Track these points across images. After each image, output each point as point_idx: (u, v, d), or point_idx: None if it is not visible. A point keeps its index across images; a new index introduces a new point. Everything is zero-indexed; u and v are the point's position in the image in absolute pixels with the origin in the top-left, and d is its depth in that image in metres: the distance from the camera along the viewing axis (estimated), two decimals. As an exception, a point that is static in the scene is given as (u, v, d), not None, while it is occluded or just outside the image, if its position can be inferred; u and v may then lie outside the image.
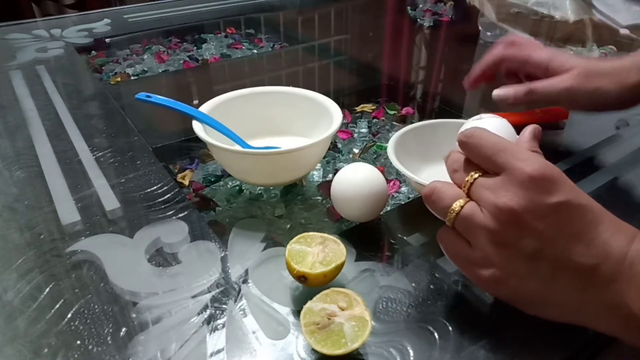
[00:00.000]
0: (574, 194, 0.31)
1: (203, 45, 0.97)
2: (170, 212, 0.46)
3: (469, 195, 0.33)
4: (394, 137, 0.50)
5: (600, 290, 0.30)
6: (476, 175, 0.33)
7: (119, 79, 0.81)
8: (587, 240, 0.30)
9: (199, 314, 0.35)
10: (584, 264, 0.30)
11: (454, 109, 0.73)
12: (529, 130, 0.36)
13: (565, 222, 0.30)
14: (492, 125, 0.40)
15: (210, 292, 0.37)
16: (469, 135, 0.34)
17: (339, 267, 0.37)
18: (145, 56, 0.92)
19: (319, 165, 0.56)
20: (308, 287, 0.37)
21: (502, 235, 0.31)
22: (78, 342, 0.33)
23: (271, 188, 0.53)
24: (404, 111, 0.70)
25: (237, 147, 0.51)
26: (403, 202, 0.51)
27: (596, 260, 0.30)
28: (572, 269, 0.30)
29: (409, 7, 1.20)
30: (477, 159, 0.34)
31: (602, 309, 0.31)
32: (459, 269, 0.35)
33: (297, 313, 0.36)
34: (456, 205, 0.33)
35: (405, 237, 0.44)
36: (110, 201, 0.48)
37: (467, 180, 0.34)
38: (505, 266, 0.32)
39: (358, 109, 0.70)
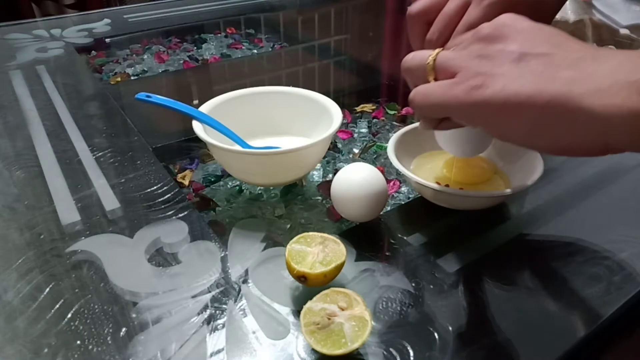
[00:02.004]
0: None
1: (203, 45, 0.97)
2: (170, 212, 0.46)
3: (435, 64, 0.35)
4: (394, 137, 0.50)
5: (606, 60, 0.28)
6: (437, 50, 0.35)
7: (119, 79, 0.81)
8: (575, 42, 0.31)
9: (199, 314, 0.35)
10: (579, 49, 0.30)
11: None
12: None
13: (544, 32, 0.31)
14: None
15: (210, 292, 0.37)
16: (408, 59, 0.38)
17: (339, 267, 0.37)
18: (145, 56, 0.92)
19: (319, 165, 0.56)
20: (308, 287, 0.37)
21: (484, 50, 0.32)
22: (78, 342, 0.34)
23: (271, 188, 0.53)
24: (404, 111, 0.70)
25: (237, 147, 0.51)
26: (403, 202, 0.51)
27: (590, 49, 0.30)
28: (568, 58, 0.30)
29: (408, 7, 1.20)
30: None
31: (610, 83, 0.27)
32: (445, 102, 0.34)
33: (297, 313, 0.36)
34: (431, 55, 0.35)
35: (405, 237, 0.44)
36: (110, 201, 0.48)
37: (431, 56, 0.35)
38: (493, 69, 0.31)
39: (358, 109, 0.70)
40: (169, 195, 0.49)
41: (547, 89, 0.29)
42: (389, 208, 0.50)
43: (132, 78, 0.83)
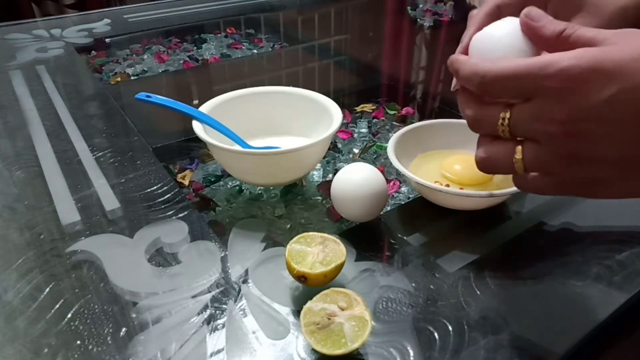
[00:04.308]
0: (623, 76, 0.27)
1: (203, 45, 0.97)
2: (170, 212, 0.46)
3: (512, 134, 0.31)
4: (394, 137, 0.50)
5: None
6: (507, 114, 0.30)
7: (119, 79, 0.81)
8: None
9: (199, 314, 0.35)
10: None
11: (454, 109, 0.73)
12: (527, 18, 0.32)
13: (627, 110, 0.27)
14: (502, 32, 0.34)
15: (210, 292, 0.37)
16: (482, 75, 0.30)
17: (339, 267, 0.37)
18: (145, 56, 0.92)
19: (319, 165, 0.56)
20: (308, 287, 0.37)
21: (572, 151, 0.29)
22: (78, 342, 0.33)
23: (271, 188, 0.53)
24: (404, 111, 0.70)
25: (237, 147, 0.51)
26: (403, 202, 0.51)
27: None
28: None
29: (409, 7, 1.20)
30: (503, 96, 0.31)
31: None
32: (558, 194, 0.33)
33: (297, 313, 0.36)
34: (517, 159, 0.31)
35: (405, 237, 0.44)
36: (110, 201, 0.48)
37: (501, 123, 0.31)
38: (591, 173, 0.29)
39: (358, 109, 0.70)
40: (169, 195, 0.49)
41: None
42: (389, 208, 0.50)
43: (132, 78, 0.83)
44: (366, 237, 0.44)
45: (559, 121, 0.28)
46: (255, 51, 0.97)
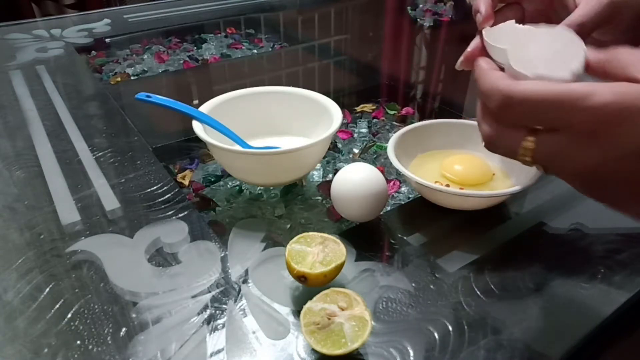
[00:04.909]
0: None
1: (203, 45, 0.97)
2: (170, 212, 0.46)
3: (535, 161, 0.28)
4: (394, 137, 0.50)
5: None
6: (531, 143, 0.27)
7: (119, 79, 0.81)
8: None
9: (199, 314, 0.35)
10: None
11: (454, 109, 0.73)
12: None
13: None
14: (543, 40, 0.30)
15: (210, 292, 0.37)
16: (504, 95, 0.27)
17: (339, 267, 0.37)
18: (145, 56, 0.92)
19: (319, 165, 0.56)
20: (308, 287, 0.37)
21: (595, 183, 0.27)
22: (78, 342, 0.33)
23: (271, 188, 0.53)
24: (404, 111, 0.70)
25: (237, 147, 0.51)
26: (403, 202, 0.51)
27: None
28: None
29: (409, 7, 1.20)
30: (524, 122, 0.27)
31: None
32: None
33: (297, 313, 0.36)
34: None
35: (405, 237, 0.44)
36: (110, 201, 0.48)
37: (523, 154, 0.27)
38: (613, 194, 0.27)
39: (358, 109, 0.70)
40: (169, 195, 0.49)
41: None
42: (389, 208, 0.50)
43: (132, 78, 0.83)
44: (366, 237, 0.44)
45: (589, 167, 0.25)
46: (255, 51, 0.97)
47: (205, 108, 0.52)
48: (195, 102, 0.64)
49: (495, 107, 0.28)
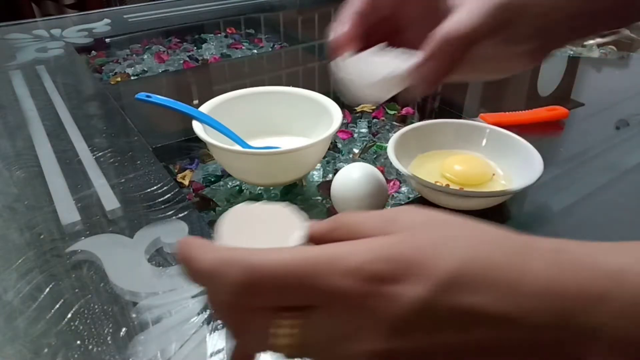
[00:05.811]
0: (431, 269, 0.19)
1: (203, 45, 0.97)
2: (170, 212, 0.46)
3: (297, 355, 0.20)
4: (394, 137, 0.50)
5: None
6: (284, 329, 0.20)
7: (119, 79, 0.81)
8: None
9: (199, 314, 0.35)
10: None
11: (454, 109, 0.73)
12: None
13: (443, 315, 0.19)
14: None
15: (210, 292, 0.37)
16: (231, 282, 0.20)
17: (339, 267, 0.36)
18: (145, 56, 0.92)
19: (319, 165, 0.56)
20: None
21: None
22: (78, 342, 0.33)
23: (271, 188, 0.53)
24: (404, 111, 0.70)
25: (237, 147, 0.51)
26: (403, 202, 0.51)
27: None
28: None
29: None
30: (271, 302, 0.20)
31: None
32: None
33: (297, 313, 0.36)
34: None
35: (405, 237, 0.44)
36: (110, 201, 0.48)
37: (278, 342, 0.20)
38: None
39: (358, 109, 0.70)
40: (169, 195, 0.49)
41: None
42: (389, 208, 0.50)
43: (132, 78, 0.83)
44: (366, 237, 0.44)
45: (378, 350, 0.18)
46: (255, 51, 0.97)
47: (205, 108, 0.52)
48: (195, 102, 0.64)
49: (228, 297, 0.20)
